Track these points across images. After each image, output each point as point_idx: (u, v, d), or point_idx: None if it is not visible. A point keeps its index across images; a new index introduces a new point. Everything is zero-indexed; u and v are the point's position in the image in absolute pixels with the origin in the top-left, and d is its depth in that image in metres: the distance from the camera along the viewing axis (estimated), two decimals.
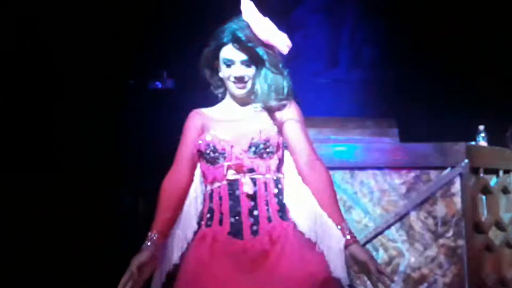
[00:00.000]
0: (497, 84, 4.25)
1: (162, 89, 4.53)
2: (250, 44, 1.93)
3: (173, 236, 1.97)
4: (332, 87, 4.71)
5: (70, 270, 3.81)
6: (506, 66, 4.24)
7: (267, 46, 1.96)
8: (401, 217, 2.80)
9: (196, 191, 2.02)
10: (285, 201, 1.97)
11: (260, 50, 1.94)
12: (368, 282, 1.87)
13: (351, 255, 1.87)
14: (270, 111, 2.00)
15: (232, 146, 1.93)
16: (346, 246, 1.87)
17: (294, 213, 1.96)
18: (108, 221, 3.96)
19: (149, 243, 1.92)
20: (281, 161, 1.99)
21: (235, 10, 2.00)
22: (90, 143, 4.15)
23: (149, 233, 1.93)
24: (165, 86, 4.52)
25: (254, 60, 1.95)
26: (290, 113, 2.01)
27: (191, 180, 2.01)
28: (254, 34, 1.94)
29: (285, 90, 1.97)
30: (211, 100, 2.09)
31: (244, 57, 1.95)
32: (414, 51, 4.40)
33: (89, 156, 4.10)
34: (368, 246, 2.78)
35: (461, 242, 2.79)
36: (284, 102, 2.01)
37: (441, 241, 2.80)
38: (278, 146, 1.97)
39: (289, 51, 2.09)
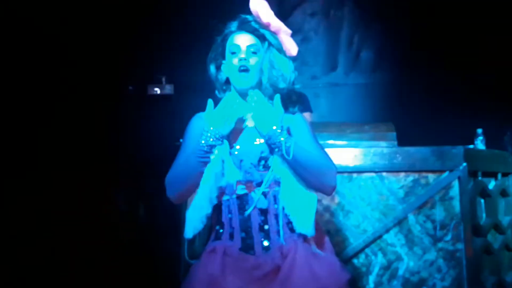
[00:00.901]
0: (495, 88, 4.24)
1: (161, 95, 4.53)
2: (256, 27, 1.94)
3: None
4: (330, 91, 4.71)
5: (69, 270, 3.80)
6: (504, 69, 4.24)
7: (274, 33, 1.97)
8: (400, 221, 2.79)
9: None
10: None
11: (267, 34, 1.94)
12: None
13: None
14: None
15: (241, 161, 1.92)
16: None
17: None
18: (106, 224, 3.97)
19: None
20: None
21: (234, 17, 2.01)
22: (90, 147, 4.15)
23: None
24: (164, 92, 4.53)
25: (260, 48, 1.94)
26: (297, 123, 2.00)
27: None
28: (262, 22, 1.95)
29: (292, 77, 1.96)
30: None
31: (250, 41, 1.94)
32: (412, 55, 4.40)
33: (88, 160, 4.11)
34: (367, 250, 2.78)
35: (460, 245, 2.79)
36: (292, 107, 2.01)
37: (440, 245, 2.79)
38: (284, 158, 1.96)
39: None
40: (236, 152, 1.93)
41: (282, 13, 4.79)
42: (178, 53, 4.32)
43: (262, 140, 1.93)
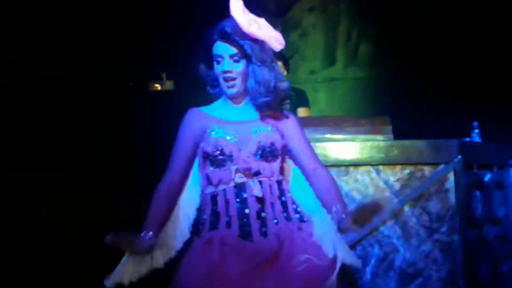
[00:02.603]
0: (492, 81, 4.27)
1: (161, 91, 4.56)
2: (236, 39, 1.95)
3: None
4: (329, 86, 4.75)
5: (68, 268, 3.84)
6: (500, 63, 4.27)
7: (256, 42, 1.97)
8: (396, 214, 2.83)
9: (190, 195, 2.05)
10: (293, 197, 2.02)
11: (247, 45, 1.96)
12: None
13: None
14: (271, 115, 2.02)
15: (239, 150, 1.95)
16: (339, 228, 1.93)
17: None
18: (107, 219, 4.00)
19: (146, 235, 1.93)
20: (282, 163, 2.03)
21: (216, 24, 2.03)
22: (90, 144, 4.18)
23: (144, 231, 1.95)
24: (165, 88, 4.56)
25: (243, 56, 1.97)
26: (292, 124, 2.05)
27: (185, 184, 2.03)
28: (242, 31, 1.96)
29: (271, 84, 1.97)
30: (211, 102, 2.10)
31: (232, 51, 1.96)
32: (409, 49, 4.43)
33: (88, 157, 4.14)
34: (364, 242, 2.82)
35: (455, 237, 2.83)
36: (281, 108, 2.04)
37: (435, 236, 2.83)
38: (282, 149, 2.00)
39: (286, 50, 2.12)
40: (233, 142, 1.97)
41: (280, 8, 4.83)
42: (179, 49, 4.34)
43: (259, 130, 1.98)
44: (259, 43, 1.98)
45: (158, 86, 4.56)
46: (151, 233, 1.95)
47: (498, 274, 3.07)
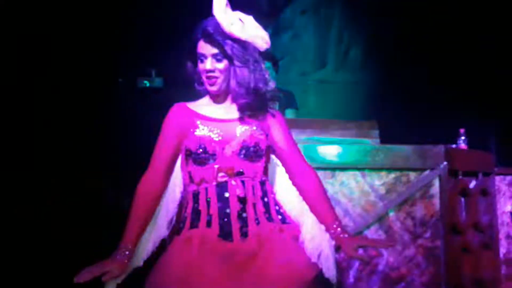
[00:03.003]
0: (479, 88, 4.30)
1: (150, 88, 4.55)
2: (218, 39, 1.95)
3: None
4: (319, 88, 4.76)
5: (63, 263, 3.82)
6: (488, 70, 4.30)
7: (238, 42, 1.97)
8: (381, 218, 2.83)
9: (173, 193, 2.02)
10: (278, 199, 2.02)
11: (227, 45, 1.95)
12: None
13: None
14: (257, 115, 2.02)
15: (223, 148, 1.95)
16: (337, 247, 1.96)
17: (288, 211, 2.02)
18: (93, 216, 3.98)
19: (122, 255, 1.89)
20: (266, 164, 2.03)
21: (199, 23, 2.02)
22: (78, 140, 4.17)
23: (122, 245, 1.90)
24: (154, 85, 4.55)
25: (225, 55, 1.97)
26: (278, 123, 2.05)
27: (167, 184, 2.00)
28: (224, 32, 1.95)
29: (251, 85, 1.97)
30: (199, 98, 2.10)
31: (214, 51, 1.96)
32: (398, 54, 4.45)
33: (77, 153, 4.12)
34: None
35: (438, 242, 2.83)
36: (265, 108, 2.03)
37: (419, 241, 2.83)
38: (266, 150, 2.00)
39: (277, 52, 2.11)
40: (217, 140, 1.96)
41: (273, 9, 4.83)
42: (168, 46, 4.33)
43: (243, 129, 1.97)
44: (241, 43, 1.97)
45: (147, 83, 4.55)
46: (127, 252, 1.90)
47: (481, 281, 3.09)
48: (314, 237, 1.98)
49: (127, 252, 1.90)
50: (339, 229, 1.97)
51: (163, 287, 1.85)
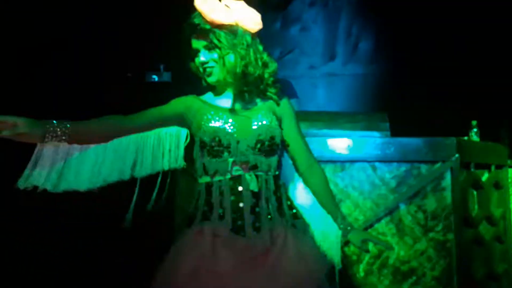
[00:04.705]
0: (491, 80, 4.25)
1: (159, 82, 4.55)
2: (204, 28, 1.93)
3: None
4: (328, 81, 4.73)
5: (63, 261, 3.83)
6: (500, 61, 4.25)
7: (224, 28, 1.93)
8: (391, 211, 2.81)
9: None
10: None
11: (214, 33, 1.93)
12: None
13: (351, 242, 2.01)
14: (267, 105, 2.00)
15: (238, 142, 1.92)
16: (343, 237, 2.00)
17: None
18: (99, 211, 3.98)
19: (57, 126, 1.81)
20: (280, 158, 2.01)
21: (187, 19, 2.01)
22: None
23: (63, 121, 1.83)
24: (162, 79, 4.54)
25: (215, 44, 1.94)
26: (287, 113, 2.03)
27: (137, 132, 1.98)
28: (207, 21, 1.93)
29: (238, 71, 1.93)
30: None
31: (203, 43, 1.95)
32: (408, 47, 4.41)
33: None
34: None
35: (450, 236, 2.80)
36: (275, 95, 2.02)
37: (430, 235, 2.81)
38: (280, 144, 1.99)
39: (286, 45, 2.08)
40: (234, 134, 1.94)
41: (281, 2, 4.80)
42: (176, 41, 4.32)
43: (259, 123, 1.95)
44: (228, 28, 1.94)
45: (155, 77, 4.55)
46: (68, 125, 1.83)
47: (493, 275, 3.05)
48: (327, 232, 2.01)
49: (61, 123, 1.83)
50: (345, 220, 2.02)
51: (174, 278, 1.84)
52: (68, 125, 1.83)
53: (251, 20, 1.96)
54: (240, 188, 1.91)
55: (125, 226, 1.99)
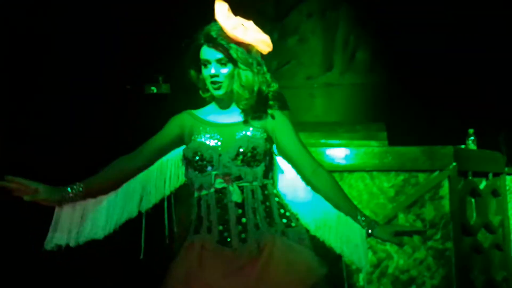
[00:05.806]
0: (487, 88, 4.27)
1: (157, 94, 4.56)
2: (222, 43, 1.96)
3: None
4: (325, 91, 4.75)
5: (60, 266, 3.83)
6: (497, 70, 4.27)
7: (241, 45, 1.97)
8: (390, 220, 2.82)
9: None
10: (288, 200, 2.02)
11: (232, 49, 1.96)
12: None
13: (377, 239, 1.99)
14: (260, 117, 2.02)
15: (219, 155, 1.95)
16: (369, 235, 1.95)
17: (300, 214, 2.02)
18: None
19: (71, 192, 1.97)
20: (268, 167, 2.01)
21: (201, 28, 2.03)
22: (85, 146, 4.18)
23: (77, 184, 1.99)
24: (161, 91, 4.56)
25: (229, 59, 1.98)
26: (283, 125, 2.03)
27: (143, 170, 2.04)
28: (227, 35, 1.96)
29: (255, 88, 1.98)
30: (205, 105, 2.11)
31: (218, 56, 1.97)
32: (405, 56, 4.43)
33: (83, 160, 4.12)
34: None
35: (449, 244, 2.82)
36: (266, 109, 2.04)
37: (429, 243, 2.82)
38: (265, 154, 1.99)
39: (284, 55, 2.11)
40: (218, 147, 1.97)
41: (278, 13, 4.83)
42: (175, 53, 4.34)
43: (241, 134, 1.98)
44: (245, 47, 1.98)
45: (154, 89, 4.56)
46: (75, 187, 1.98)
47: (493, 283, 3.06)
48: (341, 230, 1.98)
49: (75, 187, 1.98)
50: (367, 218, 1.97)
51: None
52: (81, 188, 1.99)
53: (264, 42, 2.01)
54: (225, 200, 1.94)
55: (140, 258, 2.03)
